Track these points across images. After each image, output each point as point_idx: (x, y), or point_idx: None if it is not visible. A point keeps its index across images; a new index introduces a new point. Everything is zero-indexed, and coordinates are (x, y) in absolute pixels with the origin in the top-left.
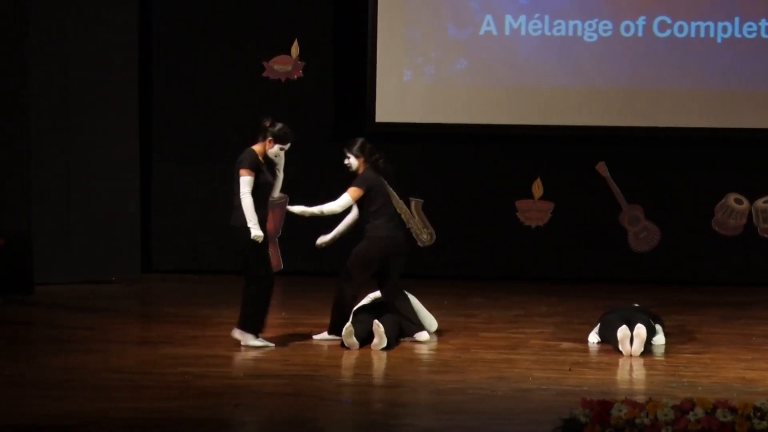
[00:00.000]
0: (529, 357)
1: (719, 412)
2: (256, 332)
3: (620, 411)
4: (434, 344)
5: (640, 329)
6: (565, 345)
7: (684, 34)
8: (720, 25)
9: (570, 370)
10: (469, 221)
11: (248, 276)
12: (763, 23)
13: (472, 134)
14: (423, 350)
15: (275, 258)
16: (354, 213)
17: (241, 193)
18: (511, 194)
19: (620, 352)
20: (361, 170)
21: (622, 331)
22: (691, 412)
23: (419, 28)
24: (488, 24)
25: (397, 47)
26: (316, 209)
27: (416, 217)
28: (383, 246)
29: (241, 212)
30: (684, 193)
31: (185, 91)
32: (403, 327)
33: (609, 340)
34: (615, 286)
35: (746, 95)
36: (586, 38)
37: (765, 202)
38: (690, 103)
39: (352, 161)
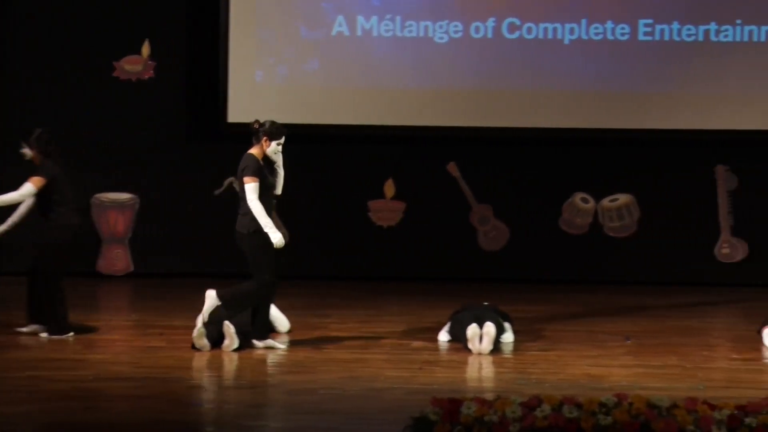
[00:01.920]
0: (380, 356)
1: (565, 409)
2: (266, 335)
3: (469, 409)
4: (286, 345)
5: (489, 327)
6: (416, 344)
7: (532, 36)
8: (567, 26)
9: (420, 368)
10: (322, 221)
11: (253, 281)
12: (609, 25)
13: (325, 134)
14: (275, 351)
15: (124, 260)
16: (29, 202)
17: (249, 201)
18: (364, 194)
19: (470, 350)
20: (37, 160)
21: (472, 330)
22: (538, 409)
23: (271, 28)
24: (340, 24)
25: (249, 47)
26: None
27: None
28: (71, 233)
29: (248, 219)
30: (532, 193)
31: (34, 90)
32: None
33: (459, 338)
34: (465, 284)
35: (593, 96)
36: (436, 39)
37: (610, 201)
38: (539, 103)
39: (27, 151)
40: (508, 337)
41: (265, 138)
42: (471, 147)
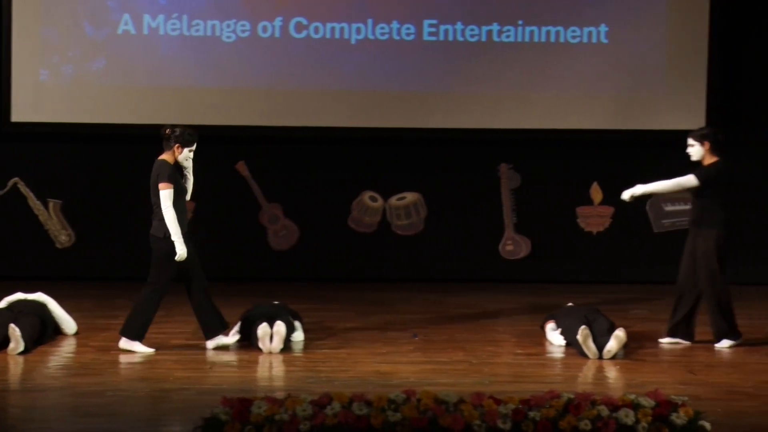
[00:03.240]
0: (170, 357)
1: (355, 406)
2: (140, 338)
3: (260, 408)
4: (73, 347)
5: (280, 326)
6: (206, 344)
7: (320, 35)
8: (354, 26)
9: (211, 368)
10: (111, 221)
11: (150, 282)
12: (394, 25)
13: (113, 134)
14: (62, 353)
15: None
16: None
17: (163, 207)
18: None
19: (260, 350)
20: None
21: (263, 329)
22: (328, 407)
23: (55, 26)
24: (126, 23)
25: (33, 46)
26: None
27: (54, 218)
28: None
29: (163, 224)
30: (321, 192)
31: None
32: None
33: (250, 337)
34: (256, 284)
35: (380, 95)
36: (224, 38)
37: (398, 199)
38: (327, 102)
39: None
40: (298, 335)
41: (177, 145)
42: (260, 146)
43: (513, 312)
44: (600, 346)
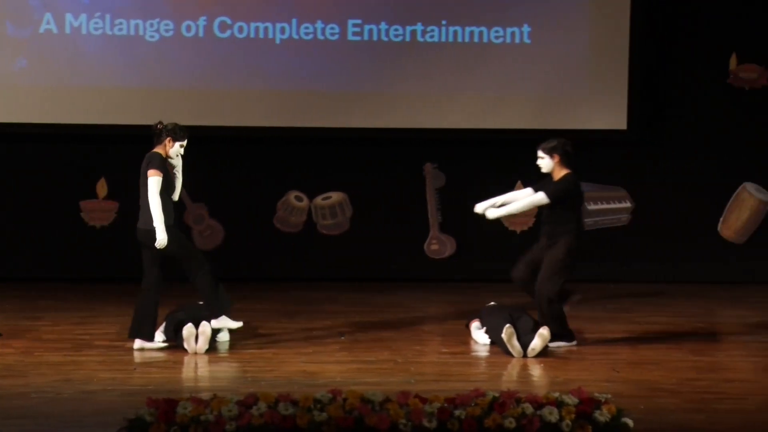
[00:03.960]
0: (95, 358)
1: (281, 406)
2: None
3: (185, 409)
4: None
5: (205, 327)
6: (131, 344)
7: (244, 35)
8: (278, 26)
9: (135, 369)
10: (33, 222)
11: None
12: (319, 25)
13: (35, 134)
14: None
15: None
16: None
17: (150, 194)
18: (76, 194)
19: (186, 350)
20: None
21: (188, 329)
22: (254, 407)
23: None
24: (48, 22)
25: None
26: None
27: None
28: None
29: (149, 215)
30: (246, 191)
31: None
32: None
33: (175, 338)
34: (181, 284)
35: (305, 95)
36: (147, 38)
37: (323, 199)
38: (253, 102)
39: None
40: (224, 336)
41: (168, 138)
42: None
43: (438, 311)
44: (524, 344)
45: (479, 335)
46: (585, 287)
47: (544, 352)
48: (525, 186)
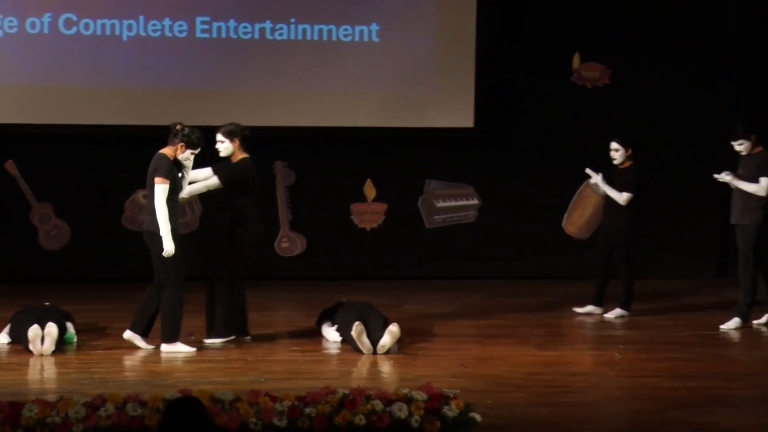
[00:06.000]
0: None
1: (130, 407)
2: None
3: (31, 411)
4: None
5: (51, 328)
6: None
7: (90, 32)
8: (125, 23)
9: None
10: None
11: (160, 281)
12: (167, 22)
13: None
14: None
15: None
16: None
17: (156, 202)
18: None
19: (32, 352)
20: None
21: (33, 331)
22: (102, 408)
23: None
24: None
25: None
26: None
27: None
28: None
29: (156, 218)
30: (94, 191)
31: None
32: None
33: (20, 339)
34: (28, 285)
35: (153, 93)
36: None
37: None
38: (99, 100)
39: None
40: (71, 337)
41: (182, 144)
42: (29, 145)
43: (289, 309)
44: (374, 341)
45: (330, 333)
46: (436, 284)
47: (394, 349)
48: (375, 184)
